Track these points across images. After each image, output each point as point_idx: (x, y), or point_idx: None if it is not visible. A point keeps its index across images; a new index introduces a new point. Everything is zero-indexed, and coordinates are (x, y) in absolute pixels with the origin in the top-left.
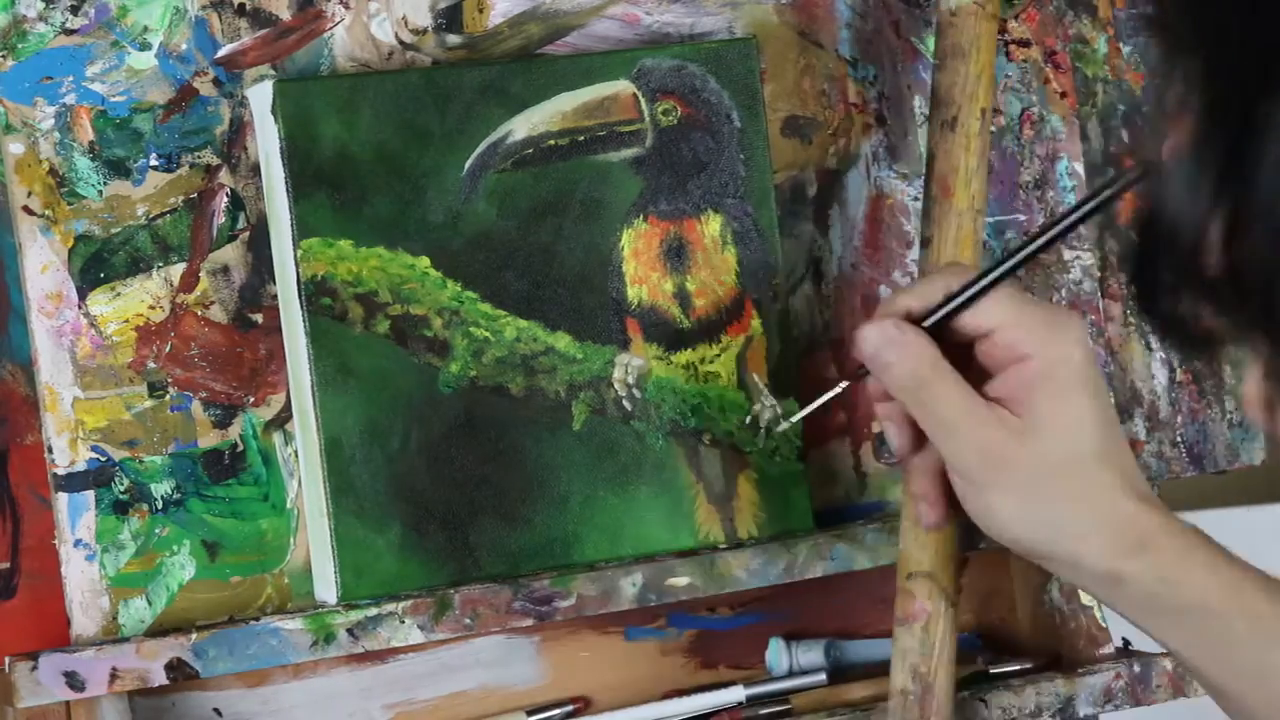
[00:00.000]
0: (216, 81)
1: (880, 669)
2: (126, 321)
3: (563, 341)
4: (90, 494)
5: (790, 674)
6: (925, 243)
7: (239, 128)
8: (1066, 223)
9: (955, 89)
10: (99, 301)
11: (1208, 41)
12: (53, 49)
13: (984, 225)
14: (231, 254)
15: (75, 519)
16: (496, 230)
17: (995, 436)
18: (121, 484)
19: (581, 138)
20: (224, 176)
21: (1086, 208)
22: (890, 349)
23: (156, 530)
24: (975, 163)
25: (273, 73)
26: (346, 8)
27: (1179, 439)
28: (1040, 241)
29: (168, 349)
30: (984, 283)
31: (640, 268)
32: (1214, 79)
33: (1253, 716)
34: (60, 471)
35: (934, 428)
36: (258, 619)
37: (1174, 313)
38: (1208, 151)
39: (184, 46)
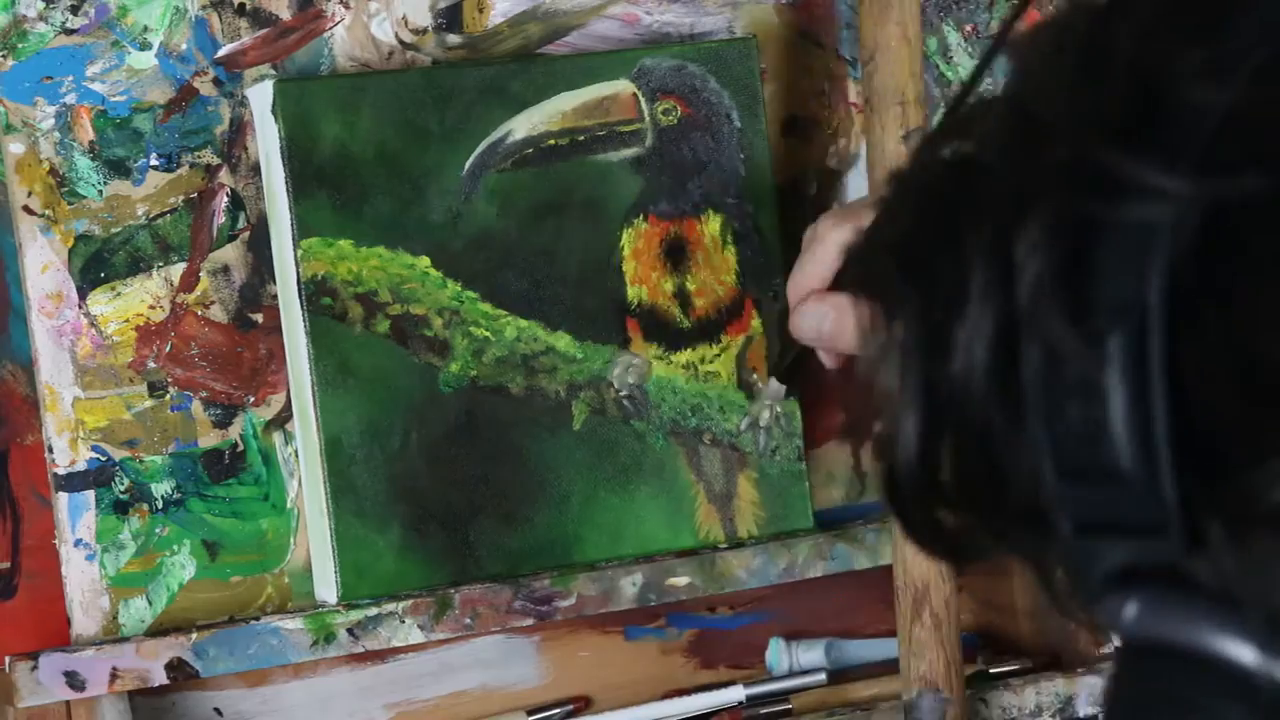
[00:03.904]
0: (216, 81)
1: (880, 669)
2: (126, 321)
3: (563, 341)
4: (90, 494)
5: (790, 674)
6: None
7: (239, 127)
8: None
9: None
10: (99, 301)
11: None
12: (53, 49)
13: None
14: (231, 254)
15: (75, 519)
16: (496, 230)
17: None
18: (121, 484)
19: (581, 137)
20: (224, 176)
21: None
22: (825, 321)
23: (157, 530)
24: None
25: (273, 72)
26: (346, 8)
27: None
28: None
29: (168, 349)
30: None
31: (640, 268)
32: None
33: None
34: (60, 471)
35: None
36: (258, 619)
37: (932, 527)
38: (916, 376)
39: (184, 46)
